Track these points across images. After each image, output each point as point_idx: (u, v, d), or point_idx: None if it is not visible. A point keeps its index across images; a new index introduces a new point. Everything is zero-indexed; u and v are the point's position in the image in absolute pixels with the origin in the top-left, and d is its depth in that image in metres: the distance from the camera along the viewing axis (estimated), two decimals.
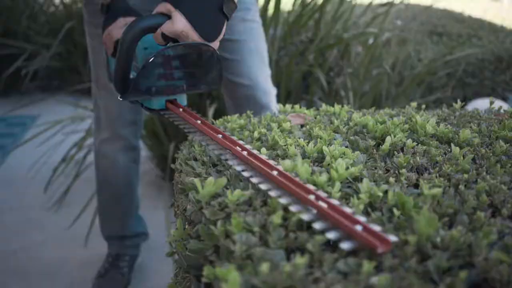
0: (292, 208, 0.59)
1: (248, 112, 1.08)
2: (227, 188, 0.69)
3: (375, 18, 2.24)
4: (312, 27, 2.14)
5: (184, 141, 0.98)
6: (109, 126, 1.42)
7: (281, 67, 1.97)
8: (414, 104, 1.15)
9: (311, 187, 0.63)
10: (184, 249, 0.67)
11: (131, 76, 0.94)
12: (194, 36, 0.86)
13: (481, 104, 2.85)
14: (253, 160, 0.72)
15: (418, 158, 0.76)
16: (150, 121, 2.19)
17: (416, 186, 0.70)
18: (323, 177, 0.68)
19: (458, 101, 1.15)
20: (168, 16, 0.87)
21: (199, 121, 0.87)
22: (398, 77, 2.60)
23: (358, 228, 0.52)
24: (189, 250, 0.63)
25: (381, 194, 0.64)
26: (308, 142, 0.87)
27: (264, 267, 0.47)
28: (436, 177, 0.69)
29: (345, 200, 0.65)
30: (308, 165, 0.72)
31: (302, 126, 1.00)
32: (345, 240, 0.52)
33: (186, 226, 0.72)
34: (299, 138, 0.86)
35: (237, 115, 1.04)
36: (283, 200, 0.61)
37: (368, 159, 0.79)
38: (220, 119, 1.03)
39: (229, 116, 1.04)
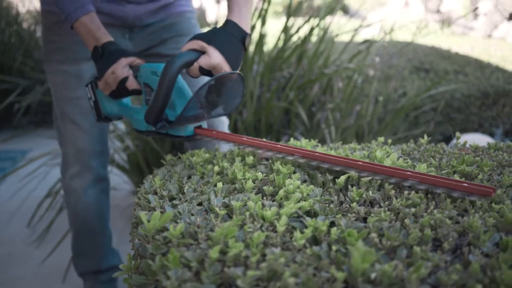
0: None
1: (217, 146, 1.10)
2: (177, 222, 0.70)
3: (357, 55, 2.28)
4: (294, 63, 2.18)
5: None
6: (78, 159, 1.43)
7: (262, 102, 1.99)
8: (381, 139, 1.16)
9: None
10: (130, 284, 0.66)
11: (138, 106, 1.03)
12: (226, 68, 0.99)
13: (467, 139, 2.87)
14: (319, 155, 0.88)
15: (371, 192, 0.76)
16: (134, 155, 2.20)
17: (365, 219, 0.70)
18: (272, 211, 0.68)
19: (425, 136, 1.16)
20: (201, 52, 0.99)
21: (244, 138, 0.99)
22: (383, 111, 2.63)
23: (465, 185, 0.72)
24: (133, 285, 0.62)
25: (325, 228, 0.64)
26: (267, 176, 0.87)
27: None
28: (385, 211, 0.70)
29: (290, 234, 0.65)
30: (259, 200, 0.72)
31: (267, 160, 1.00)
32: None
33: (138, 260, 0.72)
34: (260, 172, 0.87)
35: (203, 149, 1.05)
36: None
37: (324, 193, 0.80)
38: (186, 154, 1.04)
39: (196, 151, 1.05)
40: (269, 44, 2.29)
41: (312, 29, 2.08)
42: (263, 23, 2.02)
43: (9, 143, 3.85)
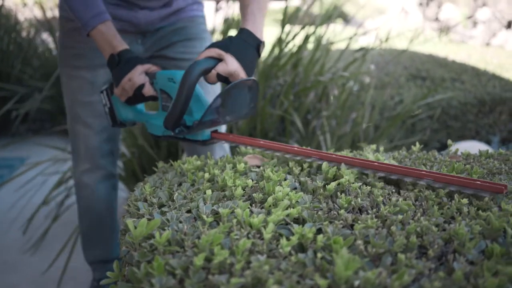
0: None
1: (209, 153, 1.10)
2: (164, 230, 0.70)
3: (353, 62, 2.29)
4: (289, 71, 2.19)
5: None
6: (89, 158, 1.49)
7: (257, 110, 1.99)
8: (373, 146, 1.16)
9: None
10: None
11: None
12: (243, 74, 1.03)
13: (464, 146, 2.87)
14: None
15: (359, 199, 0.76)
16: (130, 163, 2.20)
17: (352, 226, 0.70)
18: (259, 219, 0.68)
19: (417, 143, 1.16)
20: (218, 59, 1.03)
21: (261, 141, 1.04)
22: (379, 118, 2.63)
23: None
24: None
25: (311, 235, 0.64)
26: (257, 183, 0.88)
27: None
28: (372, 218, 0.70)
29: (276, 241, 0.65)
30: (247, 207, 0.73)
31: (258, 167, 1.01)
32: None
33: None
34: (250, 180, 0.87)
35: (195, 156, 1.05)
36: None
37: (313, 200, 0.80)
38: (177, 161, 1.04)
39: (188, 158, 1.05)
40: (265, 51, 2.30)
41: (307, 37, 2.09)
42: None
43: (7, 150, 3.85)
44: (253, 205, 0.77)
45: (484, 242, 0.64)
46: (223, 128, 1.49)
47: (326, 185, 0.84)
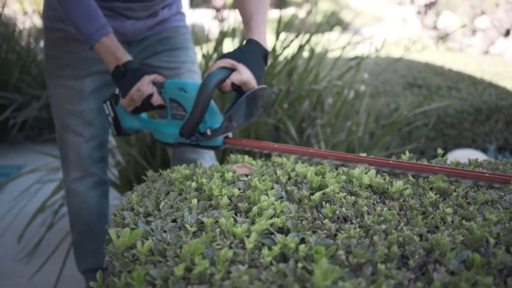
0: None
1: (198, 162, 1.10)
2: (146, 239, 0.70)
3: (348, 71, 2.30)
4: (283, 79, 2.19)
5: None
6: (81, 166, 1.50)
7: None
8: (363, 155, 1.16)
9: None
10: None
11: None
12: (254, 83, 1.09)
13: (460, 154, 2.88)
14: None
15: (344, 209, 0.76)
16: (125, 171, 2.20)
17: (336, 236, 0.70)
18: (242, 228, 0.68)
19: (407, 152, 1.17)
20: (232, 69, 1.08)
21: (276, 145, 1.11)
22: (375, 126, 2.64)
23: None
24: None
25: (293, 245, 0.64)
26: (243, 192, 0.88)
27: None
28: (355, 227, 0.70)
29: (259, 251, 0.65)
30: (231, 216, 0.73)
31: (247, 175, 1.01)
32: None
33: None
34: (237, 189, 0.87)
35: (184, 165, 1.05)
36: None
37: (299, 209, 0.80)
38: (167, 170, 1.04)
39: (177, 166, 1.06)
40: None
41: (301, 46, 2.10)
42: None
43: (4, 158, 3.86)
44: (238, 214, 0.77)
45: (466, 252, 0.64)
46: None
47: (312, 195, 0.84)
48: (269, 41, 1.29)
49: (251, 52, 1.10)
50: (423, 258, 0.63)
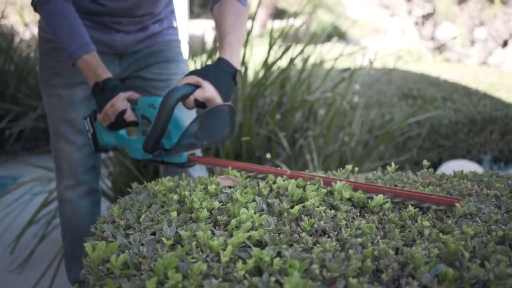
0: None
1: (184, 174, 1.11)
2: (123, 252, 0.70)
3: (341, 82, 2.31)
4: (277, 90, 2.21)
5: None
6: (72, 173, 1.51)
7: (244, 129, 2.01)
8: (349, 167, 1.16)
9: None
10: None
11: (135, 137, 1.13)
12: (219, 100, 1.09)
13: (454, 165, 2.88)
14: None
15: (322, 222, 0.76)
16: (118, 182, 2.20)
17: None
18: (218, 241, 0.68)
19: (392, 164, 1.17)
20: (197, 86, 1.08)
21: (239, 163, 1.08)
22: (369, 137, 2.64)
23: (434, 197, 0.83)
24: None
25: (268, 259, 0.64)
26: (225, 205, 0.88)
27: None
28: (332, 241, 0.70)
29: (234, 265, 0.65)
30: (208, 229, 0.73)
31: (230, 188, 1.01)
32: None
33: None
34: (217, 202, 0.87)
35: (168, 177, 1.06)
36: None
37: (278, 222, 0.80)
38: (152, 182, 1.05)
39: (161, 179, 1.06)
40: (255, 70, 2.32)
41: (292, 58, 2.11)
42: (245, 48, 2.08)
43: (0, 169, 3.86)
44: (217, 227, 0.77)
45: (440, 266, 0.64)
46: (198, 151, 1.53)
47: (292, 208, 0.84)
48: (262, 52, 1.31)
49: (219, 70, 1.11)
50: (397, 272, 0.63)
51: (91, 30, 1.38)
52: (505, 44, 7.48)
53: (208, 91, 1.07)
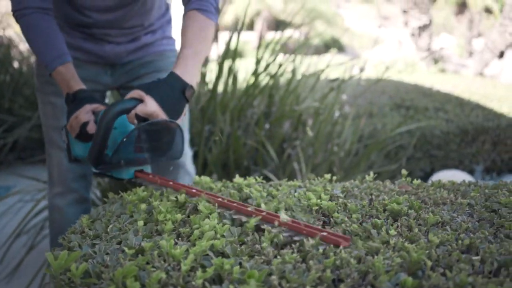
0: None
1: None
2: (87, 262, 0.70)
3: (330, 92, 2.32)
4: (266, 100, 2.21)
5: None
6: (61, 180, 1.52)
7: (233, 139, 2.01)
8: (327, 176, 1.16)
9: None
10: None
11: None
12: (162, 116, 1.04)
13: (445, 175, 2.88)
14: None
15: (283, 234, 0.76)
16: (106, 192, 2.19)
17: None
18: (180, 250, 0.68)
19: (371, 173, 1.17)
20: (140, 100, 1.04)
21: (171, 183, 1.03)
22: (359, 146, 2.64)
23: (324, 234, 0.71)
24: None
25: (228, 267, 0.64)
26: (189, 216, 0.88)
27: None
28: (293, 252, 0.70)
29: (193, 273, 0.65)
30: (172, 238, 0.73)
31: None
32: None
33: None
34: (179, 214, 0.87)
35: (142, 187, 1.06)
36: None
37: (241, 234, 0.79)
38: (128, 192, 1.05)
39: (135, 189, 1.06)
40: (243, 81, 2.33)
41: (280, 66, 2.13)
42: (233, 60, 2.08)
43: None
44: (180, 238, 0.77)
45: (401, 275, 0.63)
46: (187, 155, 1.56)
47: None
48: (251, 62, 1.27)
49: (165, 85, 1.07)
50: (358, 281, 0.63)
51: (82, 41, 1.40)
52: (501, 55, 7.51)
53: (150, 106, 1.03)
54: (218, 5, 1.25)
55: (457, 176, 2.76)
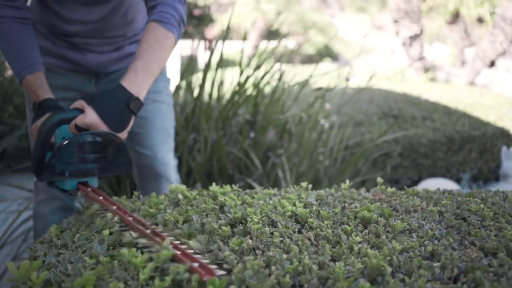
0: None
1: (136, 193, 1.10)
2: (49, 270, 0.69)
3: (315, 101, 2.33)
4: (251, 108, 2.22)
5: None
6: (46, 187, 1.46)
7: (217, 148, 2.01)
8: (304, 184, 1.17)
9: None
10: None
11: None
12: (102, 127, 1.02)
13: (431, 184, 2.88)
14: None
15: (251, 241, 0.76)
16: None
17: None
18: (141, 259, 0.68)
19: (347, 181, 1.17)
20: (82, 111, 1.04)
21: (101, 197, 0.98)
22: (345, 154, 2.64)
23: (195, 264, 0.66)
24: None
25: (186, 275, 0.64)
26: (163, 225, 0.88)
27: None
28: (255, 259, 0.70)
29: (152, 281, 0.64)
30: (133, 249, 0.73)
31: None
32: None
33: None
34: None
35: (124, 196, 1.06)
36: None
37: (210, 240, 0.79)
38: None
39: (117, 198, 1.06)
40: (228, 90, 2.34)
41: (264, 74, 2.14)
42: (216, 69, 2.10)
43: None
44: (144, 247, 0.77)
45: (360, 281, 0.63)
46: (169, 166, 1.54)
47: (232, 225, 0.84)
48: (236, 72, 1.24)
49: (109, 97, 1.06)
50: (318, 286, 0.63)
51: (66, 50, 1.40)
52: (492, 64, 7.58)
53: (90, 117, 1.02)
54: (183, 18, 1.23)
55: (443, 184, 2.77)
